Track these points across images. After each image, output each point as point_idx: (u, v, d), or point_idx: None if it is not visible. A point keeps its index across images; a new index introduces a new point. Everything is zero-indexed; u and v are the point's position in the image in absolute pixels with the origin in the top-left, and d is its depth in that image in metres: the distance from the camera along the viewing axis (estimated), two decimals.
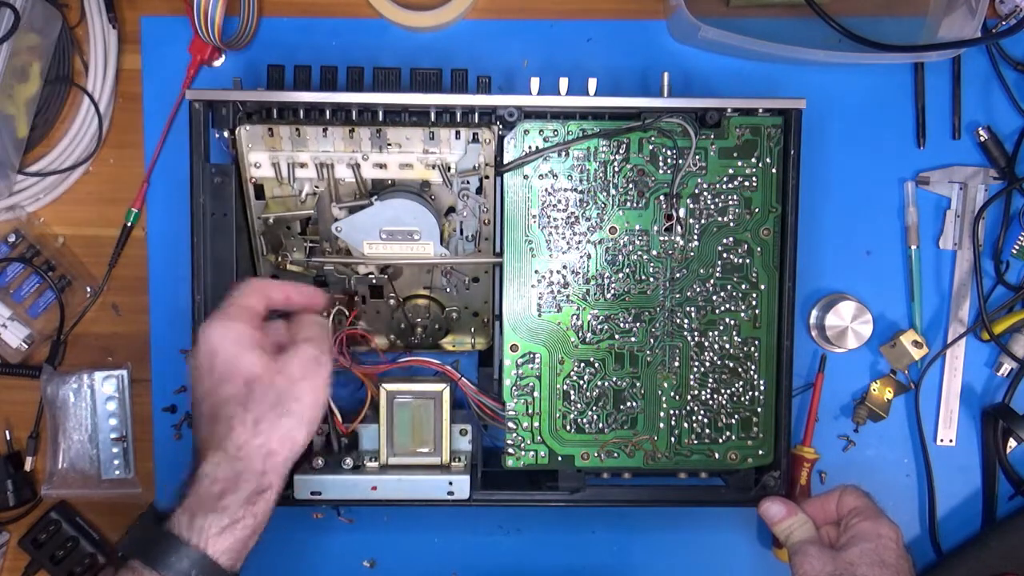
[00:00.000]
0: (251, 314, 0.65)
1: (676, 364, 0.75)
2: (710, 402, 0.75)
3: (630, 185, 0.73)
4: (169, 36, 0.80)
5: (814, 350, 0.83)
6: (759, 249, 0.74)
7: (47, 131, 0.81)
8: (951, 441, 0.84)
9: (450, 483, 0.73)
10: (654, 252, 0.74)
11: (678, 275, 0.74)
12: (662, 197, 0.74)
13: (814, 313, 0.83)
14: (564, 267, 0.74)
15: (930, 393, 0.84)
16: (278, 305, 0.68)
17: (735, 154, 0.73)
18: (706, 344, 0.75)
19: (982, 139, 0.82)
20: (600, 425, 0.75)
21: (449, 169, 0.72)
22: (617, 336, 0.74)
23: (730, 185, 0.74)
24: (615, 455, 0.75)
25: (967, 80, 0.83)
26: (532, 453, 0.75)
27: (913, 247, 0.83)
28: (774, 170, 0.74)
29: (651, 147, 0.73)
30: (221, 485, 0.61)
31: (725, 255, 0.74)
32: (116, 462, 0.82)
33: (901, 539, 0.70)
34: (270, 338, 0.66)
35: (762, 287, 0.74)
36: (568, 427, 0.75)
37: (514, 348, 0.74)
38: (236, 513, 0.61)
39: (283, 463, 0.63)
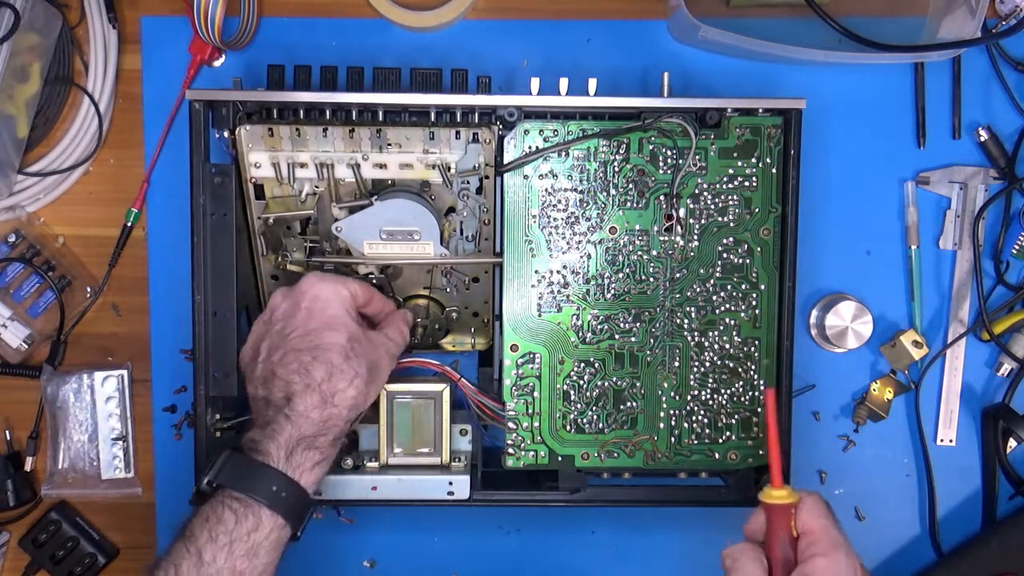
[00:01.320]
0: (352, 287, 0.70)
1: (676, 364, 0.75)
2: (710, 402, 0.75)
3: (630, 185, 0.73)
4: (169, 36, 0.80)
5: (814, 350, 0.83)
6: (759, 249, 0.74)
7: (47, 131, 0.81)
8: (951, 441, 0.84)
9: (450, 483, 0.73)
10: (654, 252, 0.74)
11: (678, 275, 0.74)
12: (662, 197, 0.74)
13: (814, 313, 0.83)
14: (564, 267, 0.74)
15: (930, 393, 0.84)
16: (371, 311, 0.73)
17: (735, 154, 0.73)
18: (706, 344, 0.75)
19: (982, 139, 0.82)
20: (600, 425, 0.75)
21: (449, 169, 0.72)
22: (617, 336, 0.74)
23: (730, 185, 0.74)
24: (615, 455, 0.75)
25: (967, 80, 0.83)
26: (532, 453, 0.75)
27: (913, 247, 0.83)
28: (774, 170, 0.74)
29: (651, 147, 0.73)
30: (317, 426, 0.65)
31: (725, 255, 0.74)
32: (116, 462, 0.82)
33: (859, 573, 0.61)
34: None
35: (762, 287, 0.74)
36: (568, 427, 0.75)
37: (514, 348, 0.74)
38: (326, 452, 0.66)
39: (355, 419, 0.69)
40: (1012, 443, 0.82)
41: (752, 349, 0.74)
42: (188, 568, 0.60)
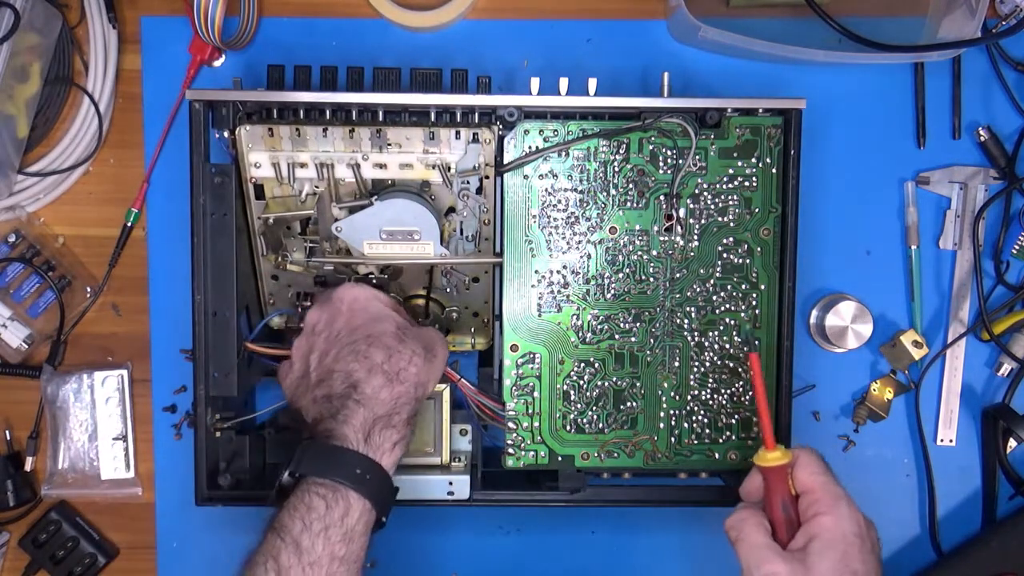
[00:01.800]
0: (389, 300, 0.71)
1: (676, 364, 0.75)
2: (710, 402, 0.75)
3: (630, 185, 0.73)
4: (169, 36, 0.80)
5: (814, 350, 0.83)
6: (759, 249, 0.74)
7: (47, 131, 0.81)
8: (951, 441, 0.84)
9: (450, 483, 0.73)
10: (654, 252, 0.74)
11: (678, 275, 0.74)
12: (662, 197, 0.74)
13: (814, 313, 0.83)
14: (564, 267, 0.74)
15: (930, 393, 0.84)
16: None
17: (735, 154, 0.73)
18: (706, 344, 0.75)
19: (982, 139, 0.82)
20: (600, 425, 0.75)
21: (449, 169, 0.72)
22: (617, 336, 0.74)
23: (730, 185, 0.74)
24: (615, 455, 0.75)
25: (967, 80, 0.83)
26: (532, 453, 0.75)
27: (913, 247, 0.83)
28: (774, 170, 0.74)
29: (651, 147, 0.73)
30: (389, 406, 0.64)
31: (725, 255, 0.74)
32: (116, 462, 0.82)
33: (863, 527, 0.62)
34: None
35: (762, 287, 0.74)
36: (568, 427, 0.75)
37: (514, 348, 0.74)
38: (403, 431, 0.65)
39: (423, 398, 0.68)
40: (1012, 443, 0.82)
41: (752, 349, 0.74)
42: (287, 558, 0.59)
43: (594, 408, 0.75)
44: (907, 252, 0.83)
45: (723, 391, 0.75)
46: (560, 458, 0.75)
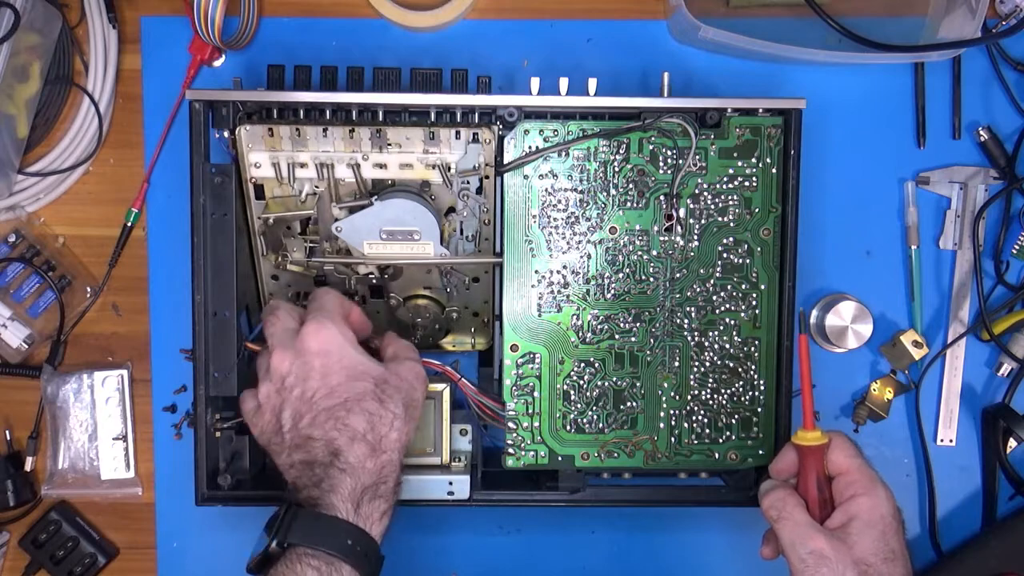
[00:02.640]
0: (342, 317, 0.67)
1: (676, 364, 0.75)
2: (710, 402, 0.75)
3: (630, 185, 0.73)
4: (169, 36, 0.80)
5: (814, 350, 0.83)
6: (759, 249, 0.74)
7: (47, 131, 0.81)
8: (951, 441, 0.84)
9: (450, 483, 0.73)
10: (654, 252, 0.74)
11: (678, 275, 0.74)
12: (662, 197, 0.74)
13: (814, 313, 0.83)
14: (564, 267, 0.74)
15: (930, 393, 0.84)
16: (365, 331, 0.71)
17: (735, 154, 0.73)
18: (706, 344, 0.75)
19: (982, 139, 0.82)
20: (600, 425, 0.75)
21: (449, 169, 0.72)
22: (617, 336, 0.74)
23: (730, 185, 0.74)
24: (615, 455, 0.75)
25: (967, 80, 0.83)
26: (532, 453, 0.75)
27: (913, 247, 0.83)
28: (774, 170, 0.74)
29: (651, 147, 0.73)
30: (374, 475, 0.62)
31: (725, 255, 0.74)
32: (116, 462, 0.82)
33: (897, 509, 0.66)
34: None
35: (762, 287, 0.74)
36: (568, 427, 0.75)
37: (514, 348, 0.74)
38: (390, 500, 0.64)
39: (406, 447, 0.66)
40: (1012, 443, 0.82)
41: (752, 349, 0.74)
42: None
43: (594, 408, 0.75)
44: (907, 252, 0.83)
45: (723, 391, 0.75)
46: (560, 458, 0.75)
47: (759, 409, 0.75)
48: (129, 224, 0.81)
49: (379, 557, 0.62)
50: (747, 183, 0.74)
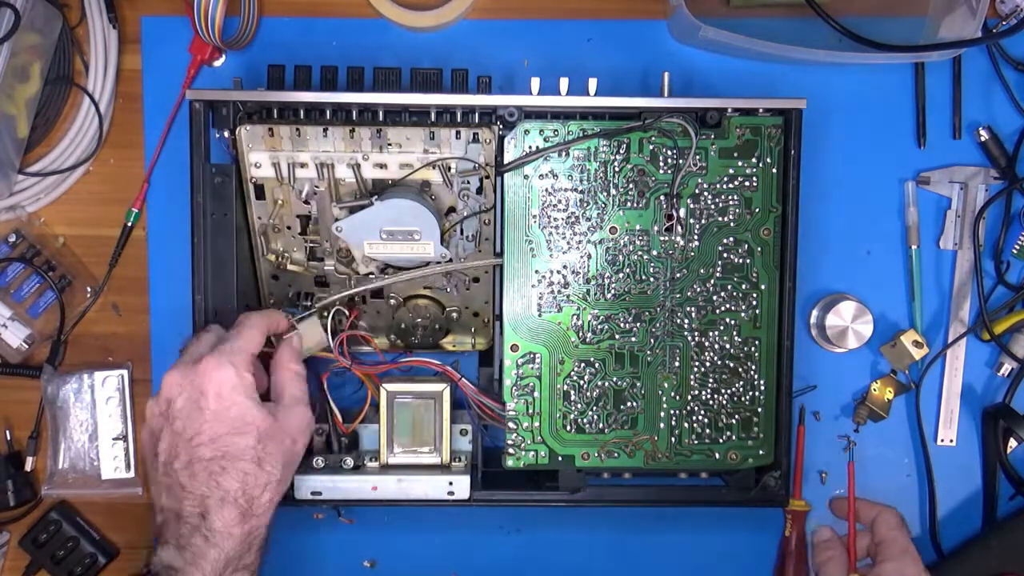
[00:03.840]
0: (250, 359, 0.66)
1: (676, 364, 0.75)
2: (710, 402, 0.75)
3: (630, 185, 0.73)
4: (169, 36, 0.80)
5: (814, 350, 0.83)
6: (759, 249, 0.74)
7: (47, 131, 0.81)
8: (951, 441, 0.84)
9: (450, 483, 0.73)
10: (654, 252, 0.74)
11: (678, 275, 0.74)
12: (662, 197, 0.73)
13: (814, 313, 0.83)
14: (564, 267, 0.74)
15: (931, 393, 0.84)
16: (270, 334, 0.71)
17: (735, 154, 0.73)
18: (706, 344, 0.74)
19: (982, 139, 0.82)
20: (600, 425, 0.75)
21: (449, 169, 0.72)
22: (617, 336, 0.74)
23: (730, 185, 0.74)
24: (615, 455, 0.75)
25: (967, 80, 0.83)
26: (532, 453, 0.75)
27: (913, 247, 0.83)
28: (774, 170, 0.74)
29: (651, 147, 0.73)
30: (241, 544, 0.61)
31: (725, 255, 0.74)
32: (116, 462, 0.82)
33: (920, 571, 0.74)
34: (257, 382, 0.66)
35: (762, 287, 0.74)
36: (568, 427, 0.75)
37: (514, 348, 0.74)
38: (253, 567, 0.62)
39: (276, 505, 0.65)
40: (1012, 443, 0.82)
41: (752, 349, 0.74)
42: None
43: (594, 408, 0.75)
44: (907, 252, 0.83)
45: (723, 391, 0.75)
46: (560, 458, 0.75)
47: (759, 409, 0.75)
48: (129, 224, 0.81)
49: None
50: (747, 183, 0.74)
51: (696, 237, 0.74)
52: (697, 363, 0.75)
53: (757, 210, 0.74)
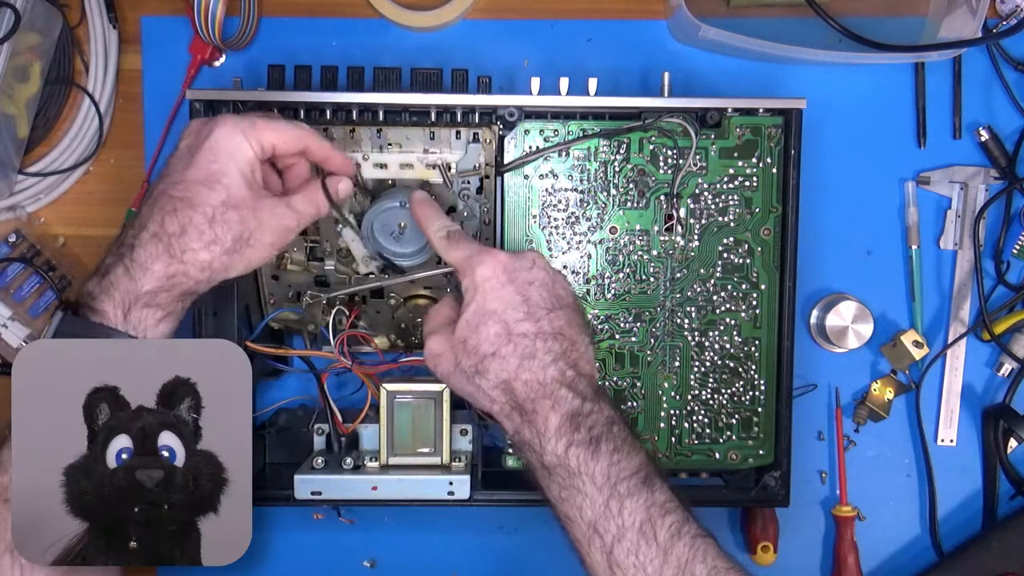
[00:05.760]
0: (266, 144, 0.63)
1: (676, 364, 0.75)
2: (710, 402, 0.75)
3: (630, 185, 0.73)
4: (169, 36, 0.80)
5: (814, 350, 0.83)
6: (759, 249, 0.74)
7: (47, 131, 0.81)
8: (952, 441, 0.84)
9: (450, 483, 0.73)
10: (654, 252, 0.74)
11: (678, 275, 0.74)
12: (662, 197, 0.73)
13: (814, 313, 0.83)
14: (564, 267, 0.74)
15: (931, 393, 0.84)
16: (310, 158, 0.67)
17: (735, 154, 0.73)
18: (706, 344, 0.74)
19: (983, 139, 0.82)
20: None
21: (449, 169, 0.72)
22: (617, 336, 0.74)
23: (730, 185, 0.74)
24: None
25: (968, 80, 0.83)
26: None
27: (914, 247, 0.83)
28: (774, 170, 0.74)
29: (651, 147, 0.73)
30: (159, 281, 0.60)
31: (725, 255, 0.74)
32: None
33: (508, 262, 0.61)
34: (261, 177, 0.64)
35: (762, 287, 0.74)
36: None
37: None
38: (169, 307, 0.61)
39: (211, 283, 0.63)
40: (1013, 443, 0.82)
41: (753, 349, 0.74)
42: None
43: None
44: (907, 252, 0.83)
45: (723, 391, 0.75)
46: None
47: (759, 409, 0.75)
48: None
49: None
50: (747, 183, 0.74)
51: (696, 237, 0.74)
52: (697, 363, 0.75)
53: (757, 210, 0.74)
